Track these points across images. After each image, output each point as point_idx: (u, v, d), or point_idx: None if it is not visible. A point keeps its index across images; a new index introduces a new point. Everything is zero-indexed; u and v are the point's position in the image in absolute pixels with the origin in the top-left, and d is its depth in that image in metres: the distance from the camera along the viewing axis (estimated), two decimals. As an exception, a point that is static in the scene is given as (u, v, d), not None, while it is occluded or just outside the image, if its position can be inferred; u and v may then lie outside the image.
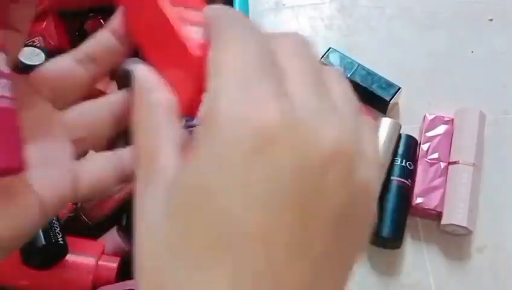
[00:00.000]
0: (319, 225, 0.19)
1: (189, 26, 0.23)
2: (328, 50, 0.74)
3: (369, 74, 0.72)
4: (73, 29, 0.62)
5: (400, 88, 0.71)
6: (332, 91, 0.21)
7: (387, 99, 0.71)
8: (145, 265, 0.21)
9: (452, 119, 0.70)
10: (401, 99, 0.73)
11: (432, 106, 0.74)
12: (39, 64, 0.53)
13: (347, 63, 0.73)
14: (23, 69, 0.54)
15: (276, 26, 0.82)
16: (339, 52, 0.74)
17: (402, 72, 0.75)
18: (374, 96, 0.71)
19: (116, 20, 0.28)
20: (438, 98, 0.74)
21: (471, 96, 0.74)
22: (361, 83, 0.72)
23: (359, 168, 0.20)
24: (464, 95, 0.74)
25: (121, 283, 0.57)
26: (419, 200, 0.65)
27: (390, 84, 0.71)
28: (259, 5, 0.82)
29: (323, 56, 0.74)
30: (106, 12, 0.62)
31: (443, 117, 0.70)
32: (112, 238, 0.59)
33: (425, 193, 0.66)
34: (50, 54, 0.56)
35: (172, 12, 0.24)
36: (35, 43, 0.57)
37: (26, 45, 0.56)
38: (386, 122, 0.68)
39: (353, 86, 0.75)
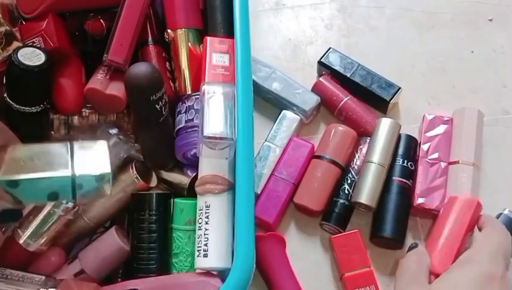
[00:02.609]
0: None
1: None
2: (328, 50, 0.74)
3: (369, 74, 0.72)
4: (73, 30, 0.62)
5: (399, 88, 0.71)
6: None
7: (387, 99, 0.71)
8: None
9: (451, 119, 0.70)
10: (401, 99, 0.73)
11: (432, 106, 0.74)
12: (39, 65, 0.54)
13: (347, 63, 0.73)
14: (23, 69, 0.54)
15: (276, 26, 0.82)
16: (338, 52, 0.74)
17: (402, 72, 0.75)
18: (374, 97, 0.71)
19: None
20: (438, 98, 0.74)
21: (472, 96, 0.74)
22: (361, 83, 0.72)
23: None
24: (464, 95, 0.74)
25: (122, 283, 0.57)
26: (420, 200, 0.65)
27: (390, 84, 0.72)
28: (259, 5, 0.83)
29: (323, 56, 0.74)
30: (106, 13, 0.61)
31: (442, 117, 0.70)
32: (111, 237, 0.59)
33: (426, 193, 0.66)
34: (50, 54, 0.56)
35: None
36: (35, 44, 0.57)
37: (26, 45, 0.56)
38: (386, 123, 0.68)
39: (353, 86, 0.75)
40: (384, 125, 0.68)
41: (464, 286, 0.48)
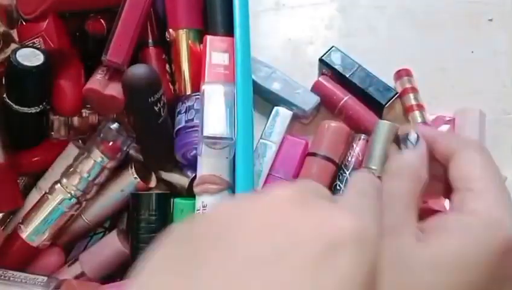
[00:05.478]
0: None
1: None
2: (331, 48, 0.74)
3: (368, 76, 0.72)
4: (74, 30, 0.62)
5: (397, 93, 0.71)
6: None
7: (383, 102, 0.71)
8: None
9: (454, 119, 0.70)
10: (401, 99, 0.73)
11: (432, 106, 0.73)
12: (37, 65, 0.54)
13: (347, 63, 0.73)
14: (20, 70, 0.54)
15: (276, 26, 0.82)
16: (341, 51, 0.74)
17: (402, 72, 0.75)
18: (370, 99, 0.71)
19: None
20: (438, 98, 0.74)
21: (471, 96, 0.74)
22: (359, 85, 0.72)
23: None
24: (464, 95, 0.74)
25: (121, 282, 0.57)
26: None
27: (388, 88, 0.71)
28: (259, 5, 0.82)
29: (325, 54, 0.74)
30: (106, 13, 0.61)
31: (444, 117, 0.70)
32: (112, 240, 0.59)
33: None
34: (49, 55, 0.56)
35: None
36: (35, 44, 0.57)
37: (26, 46, 0.56)
38: (383, 126, 0.67)
39: (351, 87, 0.74)
40: (382, 129, 0.67)
41: (467, 267, 0.26)
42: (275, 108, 0.71)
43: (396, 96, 0.71)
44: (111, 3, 0.61)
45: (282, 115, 0.71)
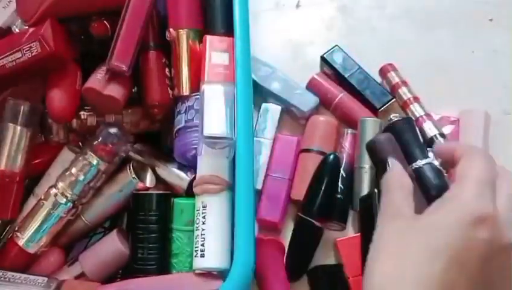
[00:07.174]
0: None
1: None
2: (334, 47, 0.74)
3: (367, 78, 0.72)
4: (79, 33, 0.61)
5: (392, 98, 0.71)
6: None
7: (377, 106, 0.71)
8: None
9: (458, 120, 0.70)
10: (400, 99, 0.73)
11: (432, 106, 0.73)
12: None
13: (348, 64, 0.73)
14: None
15: (276, 26, 0.82)
16: (344, 52, 0.74)
17: (402, 72, 0.75)
18: (365, 102, 0.71)
19: None
20: (438, 98, 0.74)
21: (471, 96, 0.74)
22: (356, 86, 0.72)
23: None
24: (464, 96, 0.74)
25: (121, 282, 0.57)
26: None
27: (384, 93, 0.71)
28: (259, 5, 0.82)
29: (327, 52, 0.74)
30: (110, 14, 0.61)
31: (449, 117, 0.70)
32: (112, 240, 0.59)
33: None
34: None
35: None
36: (32, 48, 0.57)
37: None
38: (368, 124, 0.67)
39: (348, 88, 0.74)
40: (368, 126, 0.67)
41: (446, 231, 0.39)
42: (263, 105, 0.71)
43: (391, 101, 0.71)
44: (108, 6, 0.61)
45: (271, 111, 0.71)
